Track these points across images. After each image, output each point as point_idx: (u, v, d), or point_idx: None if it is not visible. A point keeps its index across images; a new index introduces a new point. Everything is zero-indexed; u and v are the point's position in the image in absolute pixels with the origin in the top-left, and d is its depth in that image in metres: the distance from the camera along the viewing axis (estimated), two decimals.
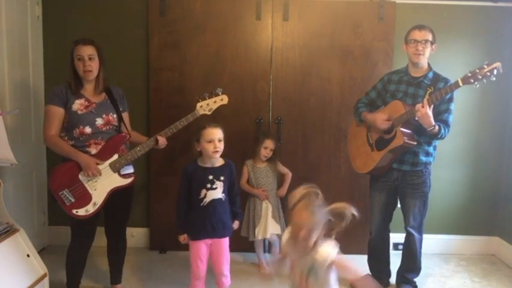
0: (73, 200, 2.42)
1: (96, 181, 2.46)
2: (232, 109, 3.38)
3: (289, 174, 3.27)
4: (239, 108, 3.43)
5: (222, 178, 2.53)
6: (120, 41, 3.45)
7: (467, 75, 2.43)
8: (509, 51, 3.51)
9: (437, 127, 2.55)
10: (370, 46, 3.39)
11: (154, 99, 3.45)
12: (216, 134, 2.47)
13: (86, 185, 2.45)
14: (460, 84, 2.44)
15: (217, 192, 2.51)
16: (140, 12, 3.43)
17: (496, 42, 3.50)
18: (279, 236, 3.11)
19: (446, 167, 3.60)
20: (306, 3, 3.38)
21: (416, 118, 2.53)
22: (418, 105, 2.50)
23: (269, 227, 3.11)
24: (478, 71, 2.41)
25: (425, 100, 2.50)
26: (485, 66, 2.40)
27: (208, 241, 2.55)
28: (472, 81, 2.42)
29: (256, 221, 3.12)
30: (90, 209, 2.44)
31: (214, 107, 2.72)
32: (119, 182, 2.52)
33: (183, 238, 2.54)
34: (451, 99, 2.65)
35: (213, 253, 2.58)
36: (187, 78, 3.42)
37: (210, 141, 2.45)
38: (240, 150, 3.36)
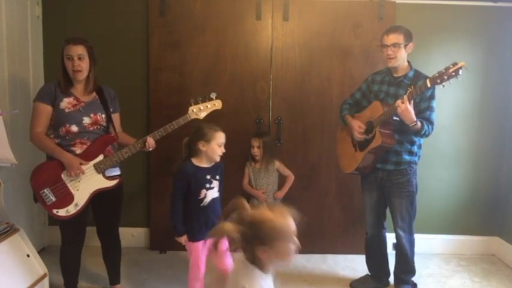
0: (54, 200, 2.38)
1: (79, 181, 2.42)
2: (232, 109, 3.39)
3: (291, 177, 3.24)
4: (239, 108, 3.43)
5: (217, 177, 2.55)
6: (120, 41, 3.45)
7: (434, 75, 2.41)
8: (509, 51, 3.51)
9: (419, 123, 2.54)
10: (370, 46, 3.39)
11: (154, 99, 3.45)
12: (224, 138, 2.53)
13: (69, 185, 2.41)
14: (428, 85, 2.42)
15: (215, 191, 2.53)
16: (140, 12, 3.43)
17: (496, 42, 3.50)
18: None
19: (446, 167, 3.60)
20: (306, 3, 3.38)
21: (396, 117, 2.53)
22: (398, 101, 2.50)
23: None
24: (444, 71, 2.38)
25: (405, 96, 2.50)
26: (451, 66, 2.37)
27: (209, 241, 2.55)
28: (439, 81, 2.39)
29: None
30: (71, 209, 2.40)
31: (207, 111, 2.64)
32: (103, 183, 2.47)
33: (184, 239, 2.51)
34: (432, 97, 2.64)
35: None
36: (187, 78, 3.42)
37: (220, 145, 2.49)
38: (239, 150, 3.36)
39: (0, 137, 2.47)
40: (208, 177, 2.50)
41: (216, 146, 2.47)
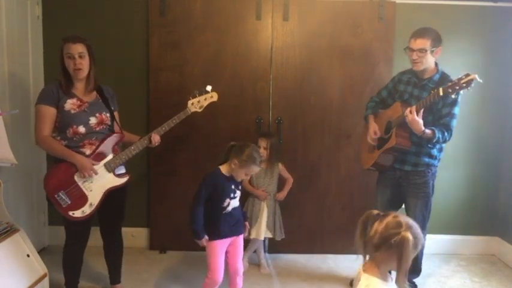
0: (69, 202, 2.38)
1: (91, 182, 2.43)
2: (233, 109, 3.39)
3: (290, 180, 3.26)
4: (239, 108, 3.43)
5: (239, 187, 2.59)
6: (120, 41, 3.44)
7: (448, 84, 2.41)
8: (509, 51, 3.51)
9: (429, 132, 2.52)
10: (370, 46, 3.39)
11: (154, 99, 3.45)
12: (256, 171, 2.58)
13: (82, 186, 2.42)
14: (441, 93, 2.41)
15: (237, 200, 2.58)
16: (140, 12, 3.43)
17: (496, 42, 3.50)
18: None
19: (446, 167, 3.59)
20: (306, 3, 3.38)
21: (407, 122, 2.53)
22: (407, 111, 2.49)
23: (262, 229, 3.12)
24: (456, 81, 2.37)
25: (414, 106, 2.49)
26: (463, 77, 2.35)
27: (228, 241, 2.58)
28: (450, 91, 2.38)
29: (253, 221, 3.12)
30: (86, 210, 2.42)
31: (205, 104, 2.74)
32: (114, 182, 2.50)
33: (205, 240, 2.50)
34: (454, 103, 2.59)
35: (231, 252, 2.61)
36: (187, 78, 3.42)
37: (247, 174, 2.55)
38: None
39: (0, 137, 2.47)
40: (232, 187, 2.54)
41: (243, 173, 2.51)
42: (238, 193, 2.59)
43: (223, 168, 2.54)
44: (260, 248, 3.31)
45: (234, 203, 2.56)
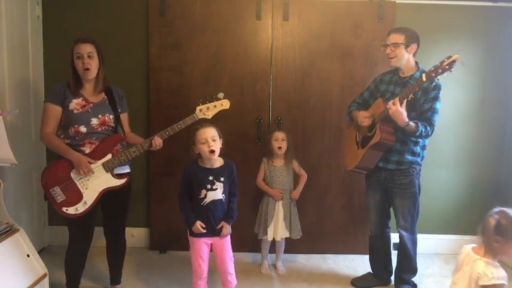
0: (64, 198, 2.41)
1: (88, 180, 2.45)
2: (232, 109, 3.36)
3: (304, 176, 3.22)
4: (239, 108, 3.42)
5: (222, 179, 2.52)
6: (120, 41, 3.45)
7: (430, 69, 2.40)
8: (509, 51, 3.51)
9: (412, 124, 2.52)
10: (370, 46, 3.39)
11: (154, 99, 3.45)
12: (209, 133, 2.45)
13: (78, 183, 2.44)
14: (424, 79, 2.40)
15: (218, 193, 2.51)
16: (140, 12, 3.43)
17: (496, 42, 3.50)
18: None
19: (446, 167, 3.60)
20: (306, 3, 3.38)
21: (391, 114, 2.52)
22: (390, 103, 2.50)
23: (280, 230, 3.11)
24: (438, 65, 2.37)
25: (397, 98, 2.49)
26: (445, 60, 2.34)
27: (208, 240, 2.55)
28: (433, 75, 2.37)
29: (268, 221, 3.10)
30: (80, 207, 2.43)
31: (215, 111, 2.63)
32: (111, 182, 2.50)
33: (199, 225, 2.48)
34: (436, 98, 2.61)
35: (216, 252, 2.59)
36: (187, 78, 3.42)
37: (204, 142, 2.44)
38: (240, 150, 3.37)
39: (0, 137, 2.47)
40: (210, 178, 2.50)
41: (200, 144, 2.46)
42: (218, 185, 2.50)
43: (200, 161, 2.54)
44: (266, 249, 3.29)
45: (214, 195, 2.50)
